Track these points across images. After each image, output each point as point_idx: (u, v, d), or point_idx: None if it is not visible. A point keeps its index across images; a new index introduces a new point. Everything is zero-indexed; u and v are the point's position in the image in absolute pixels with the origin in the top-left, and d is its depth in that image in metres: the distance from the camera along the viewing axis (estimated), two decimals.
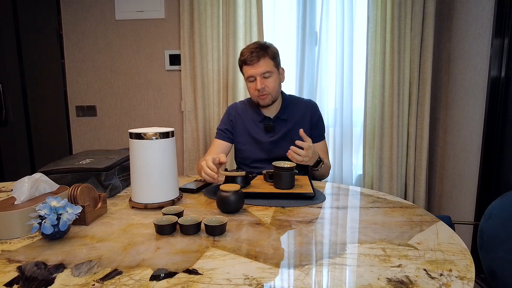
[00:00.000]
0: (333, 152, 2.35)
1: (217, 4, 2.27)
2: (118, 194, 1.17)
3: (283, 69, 1.53)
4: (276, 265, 0.67)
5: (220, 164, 1.22)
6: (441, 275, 0.63)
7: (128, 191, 1.21)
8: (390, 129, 2.22)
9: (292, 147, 1.24)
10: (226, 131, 1.56)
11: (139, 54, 2.46)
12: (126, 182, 1.24)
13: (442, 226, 0.87)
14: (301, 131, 1.27)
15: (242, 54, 1.45)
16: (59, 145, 2.66)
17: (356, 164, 2.41)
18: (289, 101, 1.55)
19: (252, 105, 1.57)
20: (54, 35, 2.52)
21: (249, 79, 1.46)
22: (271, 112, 1.53)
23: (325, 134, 1.60)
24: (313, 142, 1.53)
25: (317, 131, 1.54)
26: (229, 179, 1.15)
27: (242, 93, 2.31)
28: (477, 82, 1.88)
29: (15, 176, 2.42)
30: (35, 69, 2.60)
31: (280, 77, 1.50)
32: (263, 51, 1.41)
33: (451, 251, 0.72)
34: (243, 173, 1.16)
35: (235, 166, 1.67)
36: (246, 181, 1.16)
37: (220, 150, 1.53)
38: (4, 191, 1.21)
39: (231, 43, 2.24)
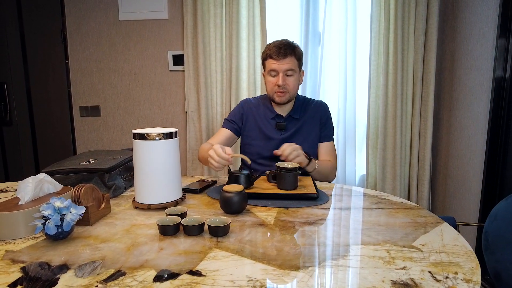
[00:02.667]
0: (336, 153, 2.34)
1: (220, 5, 2.27)
2: (122, 195, 1.17)
3: (303, 72, 1.55)
4: (279, 267, 0.67)
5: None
6: (446, 277, 0.62)
7: (132, 191, 1.21)
8: (393, 129, 2.21)
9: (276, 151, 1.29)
10: (234, 123, 1.57)
11: (142, 54, 2.46)
12: (130, 182, 1.25)
13: (446, 227, 0.86)
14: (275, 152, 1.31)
15: (268, 48, 1.47)
16: (63, 145, 2.68)
17: (359, 164, 2.40)
18: (301, 101, 1.57)
19: (266, 101, 1.58)
20: (58, 36, 2.53)
21: (270, 73, 1.46)
22: (284, 111, 1.54)
23: None
24: (321, 141, 1.54)
25: (325, 131, 1.54)
26: (232, 179, 1.15)
27: (245, 94, 2.31)
28: (482, 82, 1.87)
29: (20, 175, 2.44)
30: (40, 70, 2.62)
31: (300, 79, 1.52)
32: (291, 49, 1.43)
33: (456, 253, 0.72)
34: (246, 172, 1.16)
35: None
36: (249, 181, 1.16)
37: (225, 138, 1.54)
38: (8, 191, 1.22)
39: (234, 44, 2.24)
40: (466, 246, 0.75)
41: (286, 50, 1.42)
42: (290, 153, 1.26)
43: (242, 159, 1.27)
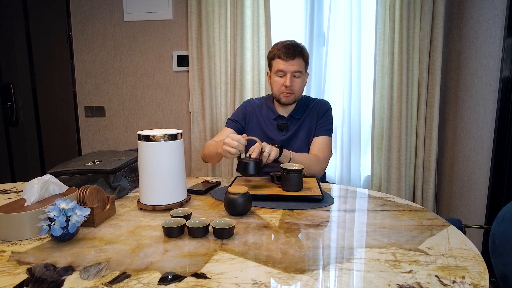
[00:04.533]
0: (341, 153, 2.33)
1: (224, 5, 2.27)
2: (126, 196, 1.18)
3: (307, 74, 1.55)
4: (284, 270, 0.67)
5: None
6: (453, 282, 0.62)
7: (136, 192, 1.21)
8: (398, 130, 2.19)
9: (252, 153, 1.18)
10: (237, 122, 1.57)
11: (147, 55, 2.47)
12: (135, 183, 1.25)
13: (453, 230, 0.85)
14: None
15: (276, 47, 1.45)
16: (69, 145, 2.69)
17: (364, 165, 2.39)
18: (304, 101, 1.56)
19: (268, 102, 1.58)
20: (64, 37, 2.54)
21: (278, 73, 1.45)
22: (286, 111, 1.54)
23: (333, 135, 1.57)
24: (315, 135, 1.51)
25: (319, 124, 1.51)
26: (241, 165, 1.14)
27: (249, 94, 2.31)
28: (488, 83, 1.85)
29: (26, 176, 2.45)
30: (45, 70, 2.63)
31: (305, 81, 1.51)
32: (299, 51, 1.43)
33: (463, 257, 0.71)
34: (256, 159, 1.15)
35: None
36: (257, 168, 1.14)
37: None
38: (14, 191, 1.23)
39: (239, 44, 2.24)
40: (474, 249, 0.74)
41: (295, 51, 1.41)
42: (264, 147, 1.18)
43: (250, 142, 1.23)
